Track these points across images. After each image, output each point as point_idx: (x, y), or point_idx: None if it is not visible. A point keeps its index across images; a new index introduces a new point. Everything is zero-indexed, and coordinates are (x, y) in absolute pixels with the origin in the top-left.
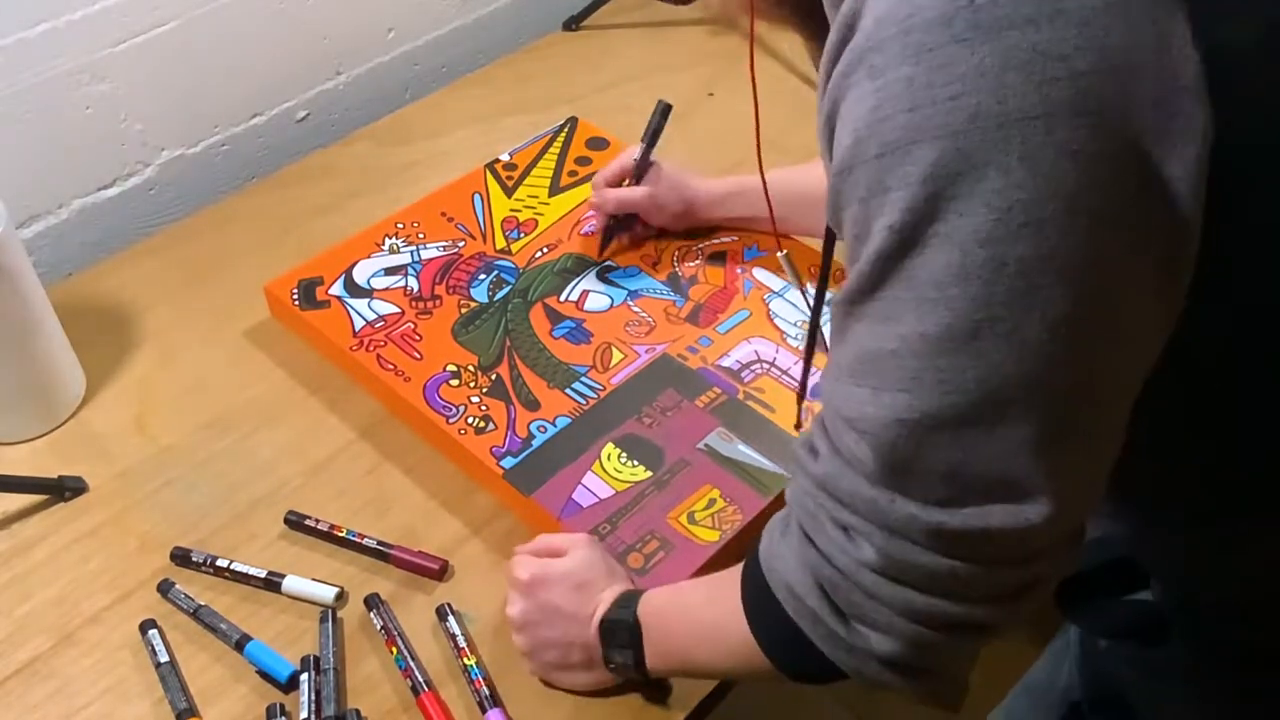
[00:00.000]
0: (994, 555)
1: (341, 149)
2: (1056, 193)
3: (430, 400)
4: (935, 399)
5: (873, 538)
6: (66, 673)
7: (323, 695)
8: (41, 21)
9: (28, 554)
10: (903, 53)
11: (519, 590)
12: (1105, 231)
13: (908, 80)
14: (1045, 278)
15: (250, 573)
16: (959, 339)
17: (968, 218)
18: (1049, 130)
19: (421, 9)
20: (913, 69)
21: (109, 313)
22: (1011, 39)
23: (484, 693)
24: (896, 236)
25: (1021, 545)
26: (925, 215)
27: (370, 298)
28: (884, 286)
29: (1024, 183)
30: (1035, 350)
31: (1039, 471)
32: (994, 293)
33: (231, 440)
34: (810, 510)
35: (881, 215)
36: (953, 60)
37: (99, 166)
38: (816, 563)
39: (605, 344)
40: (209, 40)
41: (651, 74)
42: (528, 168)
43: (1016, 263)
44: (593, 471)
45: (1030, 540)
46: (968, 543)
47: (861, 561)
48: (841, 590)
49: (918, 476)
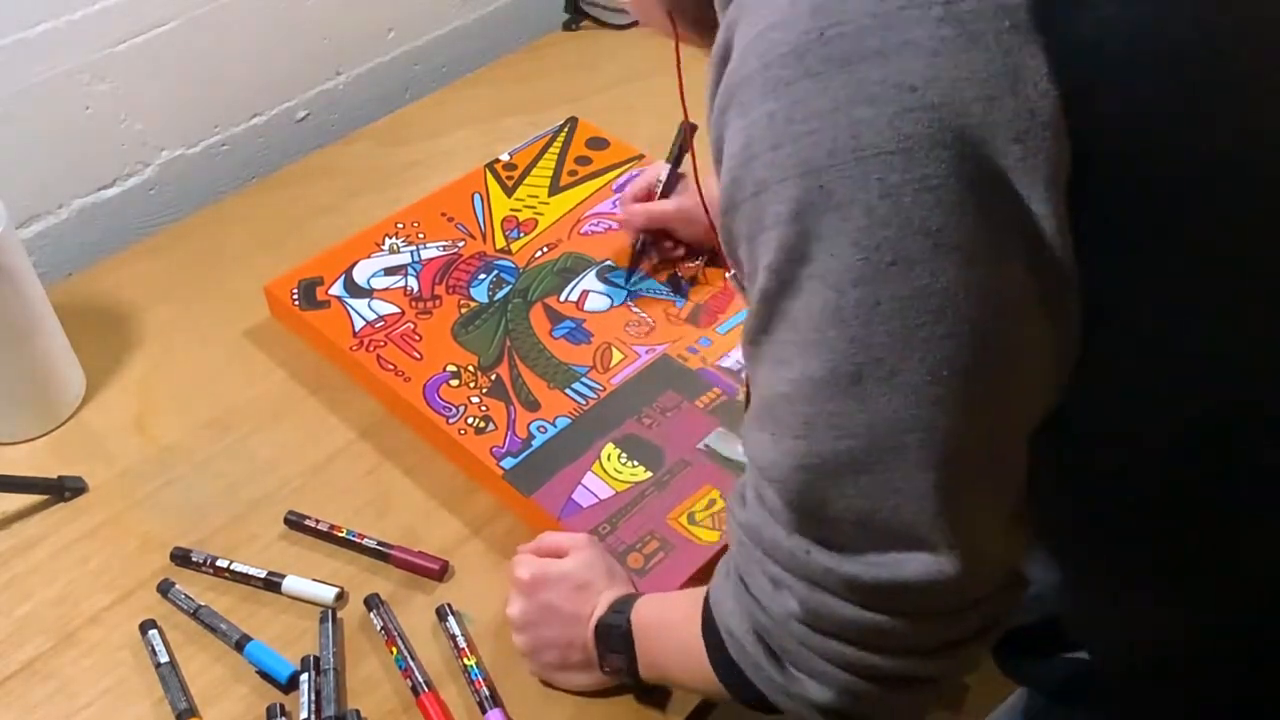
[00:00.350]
0: (915, 607)
1: (341, 149)
2: (922, 229)
3: (430, 400)
4: (829, 444)
5: (795, 589)
6: (66, 673)
7: (323, 695)
8: (41, 21)
9: (28, 554)
10: (764, 88)
11: (520, 590)
12: (978, 268)
13: (769, 116)
14: (921, 317)
15: (250, 573)
16: (843, 383)
17: (838, 257)
18: (907, 165)
19: (421, 9)
20: (774, 104)
21: (109, 313)
22: (861, 71)
23: (484, 693)
24: (775, 277)
25: (942, 597)
26: (798, 255)
27: (370, 298)
28: (772, 329)
29: (889, 219)
30: (920, 392)
31: (943, 519)
32: (871, 334)
33: (231, 440)
34: (743, 559)
35: (762, 255)
36: (807, 95)
37: (99, 166)
38: (752, 608)
39: (605, 344)
40: (209, 40)
41: (651, 74)
42: (528, 168)
43: (890, 302)
44: (593, 472)
45: (948, 592)
46: (885, 594)
47: (790, 613)
48: (775, 638)
49: (829, 525)
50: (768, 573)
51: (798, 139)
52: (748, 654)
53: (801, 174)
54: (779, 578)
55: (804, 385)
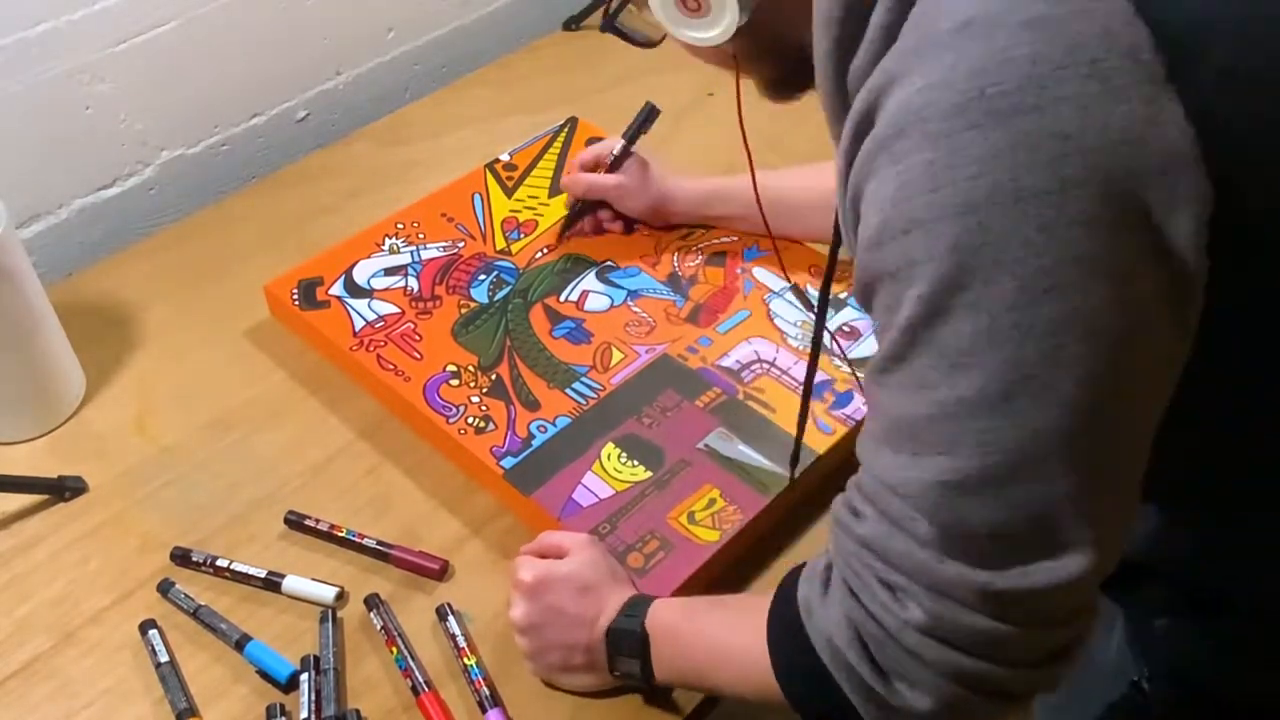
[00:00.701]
0: (1039, 615)
1: (341, 149)
2: (1075, 258)
3: (430, 400)
4: (976, 460)
5: (920, 599)
6: (66, 673)
7: (323, 695)
8: (41, 21)
9: (28, 554)
10: (922, 140)
11: (522, 592)
12: (1122, 289)
13: (928, 164)
14: (1070, 336)
15: (250, 573)
16: (994, 400)
17: (994, 285)
18: (1062, 203)
19: (421, 9)
20: (933, 153)
21: (109, 313)
22: (1020, 123)
23: (484, 693)
24: (926, 305)
25: (1065, 600)
26: (953, 284)
27: (370, 298)
28: (915, 355)
29: (1044, 250)
30: (1065, 405)
31: (1080, 521)
32: (1024, 355)
33: (231, 440)
34: (856, 570)
35: (911, 286)
36: (969, 144)
37: (99, 166)
38: (861, 619)
39: (605, 344)
40: (209, 40)
41: (651, 74)
42: (528, 168)
43: (1044, 324)
44: (593, 471)
45: (1073, 593)
46: (1016, 602)
47: (907, 622)
48: (885, 649)
49: (964, 538)
50: (890, 582)
51: (957, 183)
52: (845, 662)
53: (961, 213)
54: (903, 587)
55: (950, 405)
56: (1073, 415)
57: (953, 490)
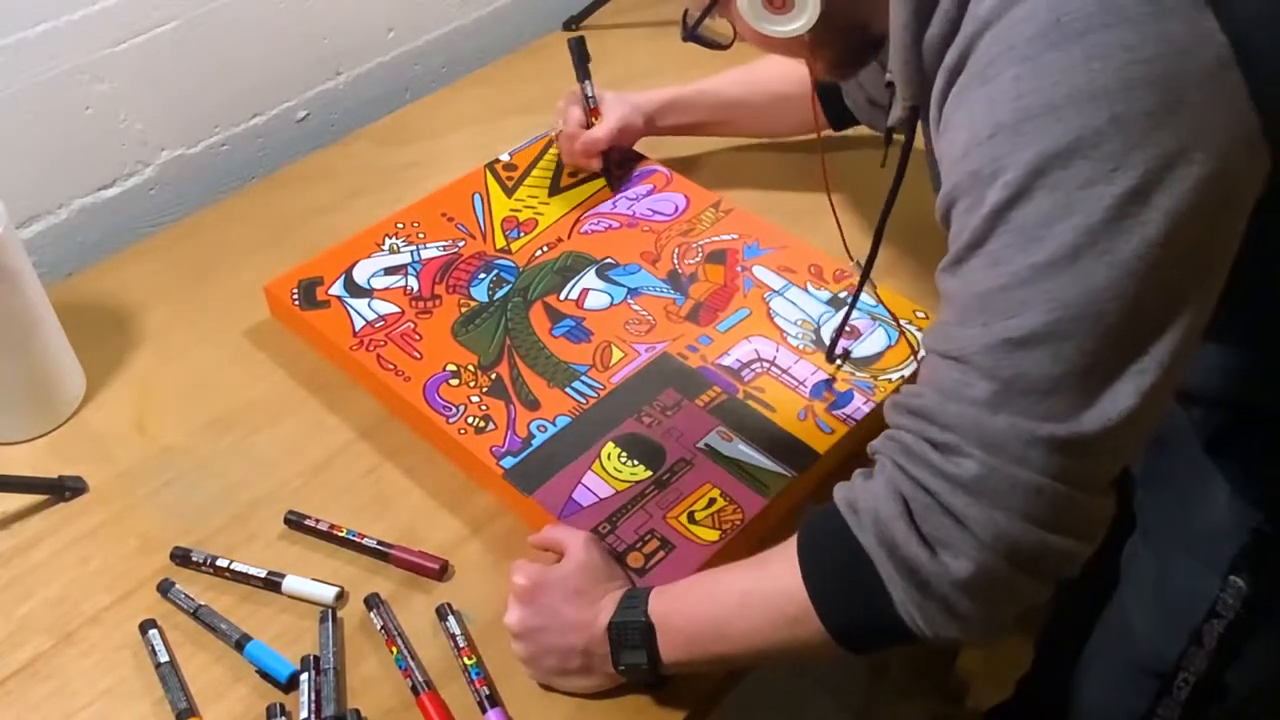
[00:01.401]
0: (1080, 472)
1: (341, 149)
2: (1137, 144)
3: (430, 400)
4: (1041, 316)
5: (972, 453)
6: (66, 673)
7: (323, 695)
8: (41, 21)
9: (28, 554)
10: (1008, 63)
11: (516, 598)
12: (1178, 170)
13: (1014, 79)
14: (1133, 207)
15: (250, 572)
16: (1062, 264)
17: (1070, 169)
18: (1128, 99)
19: (421, 9)
20: (1018, 69)
21: (109, 313)
22: (1092, 40)
23: (484, 692)
24: (1010, 190)
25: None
26: (1035, 170)
27: (370, 297)
28: (994, 236)
29: (1113, 138)
30: (1124, 267)
31: (1129, 375)
32: (1092, 223)
33: (231, 440)
34: (907, 442)
35: (997, 179)
36: (1050, 60)
37: (99, 166)
38: (910, 489)
39: (605, 343)
40: (209, 40)
41: (651, 74)
42: (528, 168)
43: (1110, 198)
44: (593, 471)
45: (1115, 445)
46: (1060, 452)
47: (957, 480)
48: (932, 515)
49: (1020, 392)
50: (942, 442)
51: (1040, 89)
52: (891, 539)
53: (1044, 112)
54: (955, 445)
55: (1024, 273)
56: (1128, 277)
57: (1015, 345)
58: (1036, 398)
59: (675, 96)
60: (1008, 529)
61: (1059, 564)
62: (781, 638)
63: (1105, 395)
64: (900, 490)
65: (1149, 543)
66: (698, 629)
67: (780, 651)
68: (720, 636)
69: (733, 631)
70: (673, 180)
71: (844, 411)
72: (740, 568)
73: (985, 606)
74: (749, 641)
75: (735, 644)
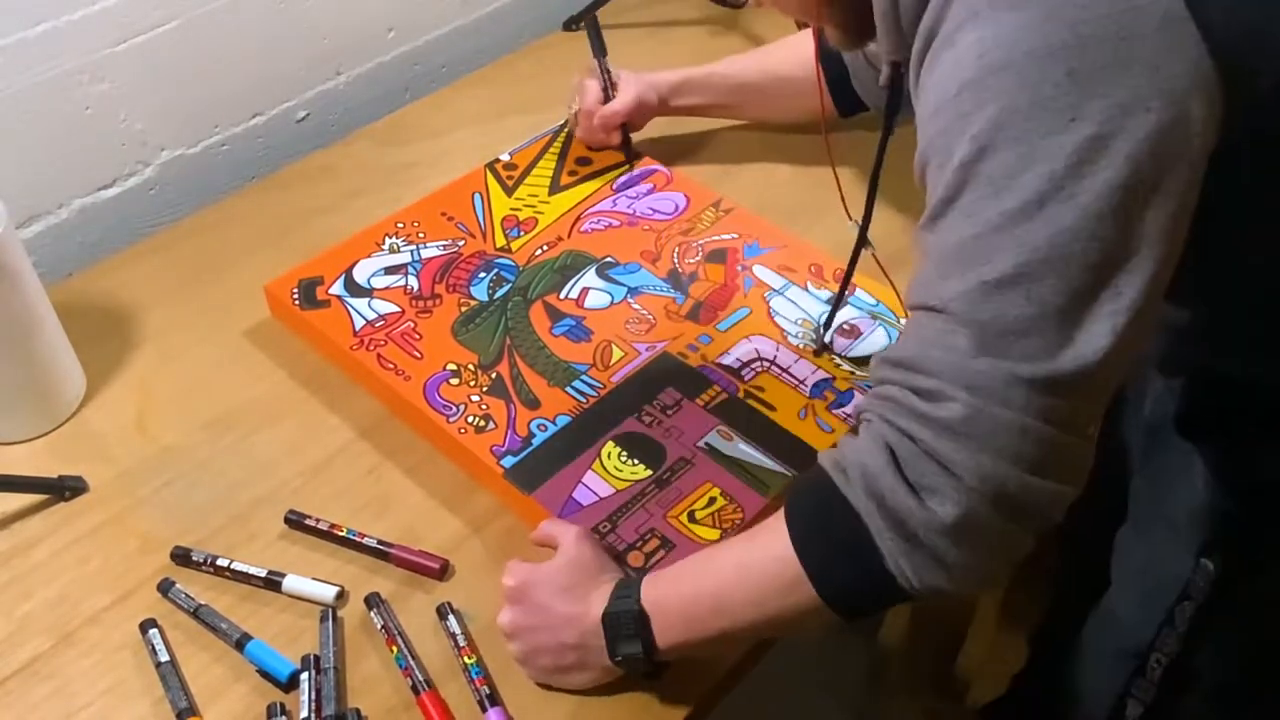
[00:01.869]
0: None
1: (341, 149)
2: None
3: (430, 399)
4: (1012, 259)
5: (956, 395)
6: (66, 673)
7: (323, 694)
8: (41, 21)
9: (28, 554)
10: (972, 26)
11: (507, 597)
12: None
13: (977, 40)
14: (1094, 153)
15: (250, 572)
16: (1030, 209)
17: (1031, 120)
18: (1082, 52)
19: (421, 9)
20: (980, 32)
21: (109, 313)
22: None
23: (484, 692)
24: (975, 144)
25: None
26: (997, 124)
27: (370, 297)
28: (965, 190)
29: (1070, 90)
30: (1088, 209)
31: (1100, 314)
32: (1055, 169)
33: (231, 440)
34: (891, 393)
35: (963, 134)
36: (1008, 21)
37: (99, 166)
38: (895, 439)
39: (605, 342)
40: (209, 40)
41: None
42: (528, 167)
43: (1070, 145)
44: (593, 470)
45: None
46: (1041, 390)
47: (942, 423)
48: (918, 462)
49: (998, 334)
50: (926, 388)
51: (1000, 47)
52: (879, 491)
53: (1003, 67)
54: (938, 390)
55: (995, 219)
56: (1092, 218)
57: (991, 288)
58: (1014, 338)
59: (688, 77)
60: (993, 471)
61: (1044, 508)
62: (778, 606)
63: (1080, 334)
64: (886, 440)
65: (1136, 530)
66: (694, 607)
67: (778, 621)
68: (718, 611)
69: (730, 605)
70: (673, 179)
71: (844, 411)
72: (734, 541)
73: (972, 554)
74: (746, 614)
75: (733, 617)
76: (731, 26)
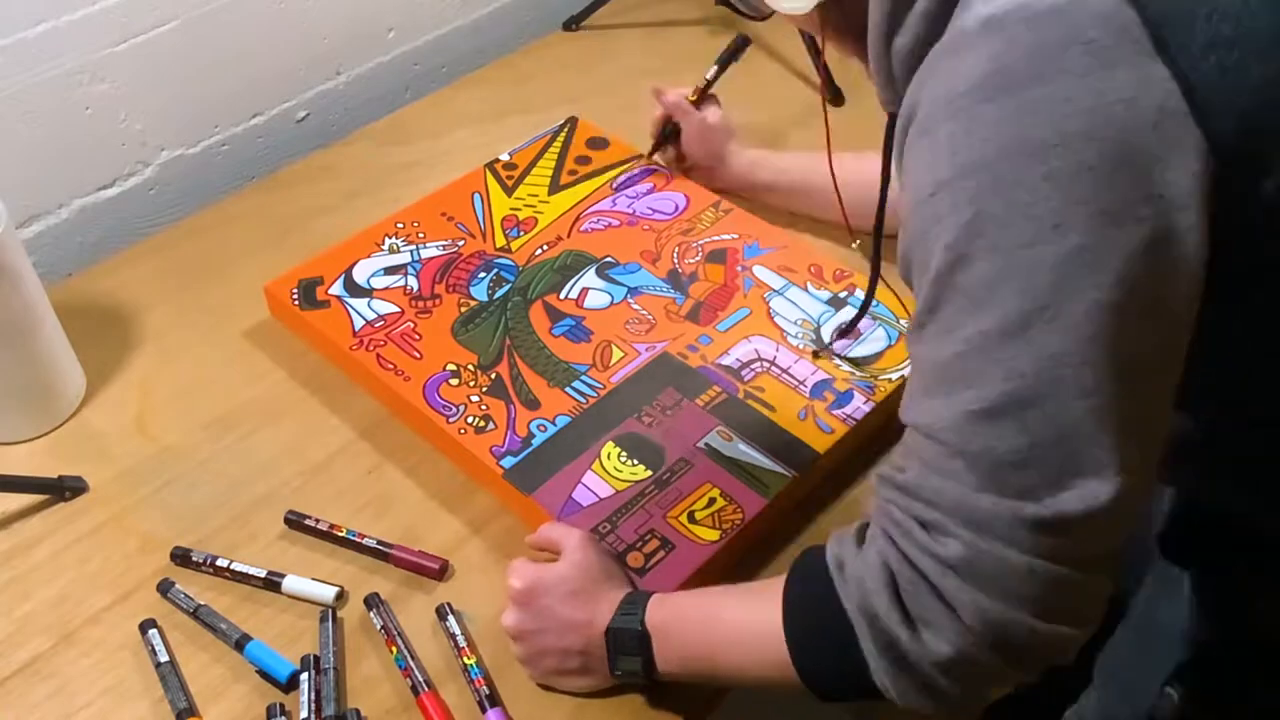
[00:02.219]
0: (1071, 551)
1: (341, 149)
2: (1077, 200)
3: (430, 400)
4: (998, 387)
5: (959, 534)
6: (66, 673)
7: (323, 695)
8: (41, 21)
9: (28, 554)
10: (946, 117)
11: (513, 599)
12: (1125, 227)
13: (950, 134)
14: (1077, 268)
15: (250, 572)
16: (1012, 330)
17: (1008, 228)
18: (1064, 153)
19: (421, 9)
20: (954, 125)
21: (109, 313)
22: (1027, 93)
23: (484, 692)
24: (951, 253)
25: (1097, 532)
26: (973, 231)
27: (370, 297)
28: (944, 301)
29: (1051, 195)
30: (1076, 331)
31: (1103, 445)
32: (1037, 286)
33: (231, 440)
34: (896, 518)
35: (939, 240)
36: (984, 114)
37: (99, 166)
38: (898, 564)
39: (605, 342)
40: (209, 40)
41: (651, 74)
42: (528, 167)
43: (1052, 259)
44: (593, 470)
45: (1105, 523)
46: (1047, 532)
47: (945, 560)
48: (918, 593)
49: (994, 468)
50: (929, 520)
51: (973, 145)
52: (873, 612)
53: (977, 169)
54: (941, 524)
55: (975, 340)
56: (1082, 341)
57: (980, 419)
58: (1011, 472)
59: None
60: (997, 615)
61: (1048, 652)
62: (768, 676)
63: (1085, 470)
64: (888, 563)
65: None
66: (691, 652)
67: (766, 686)
68: (712, 665)
69: (723, 664)
70: (673, 179)
71: (844, 411)
72: (737, 596)
73: (961, 687)
74: (738, 676)
75: (725, 674)
76: (731, 26)
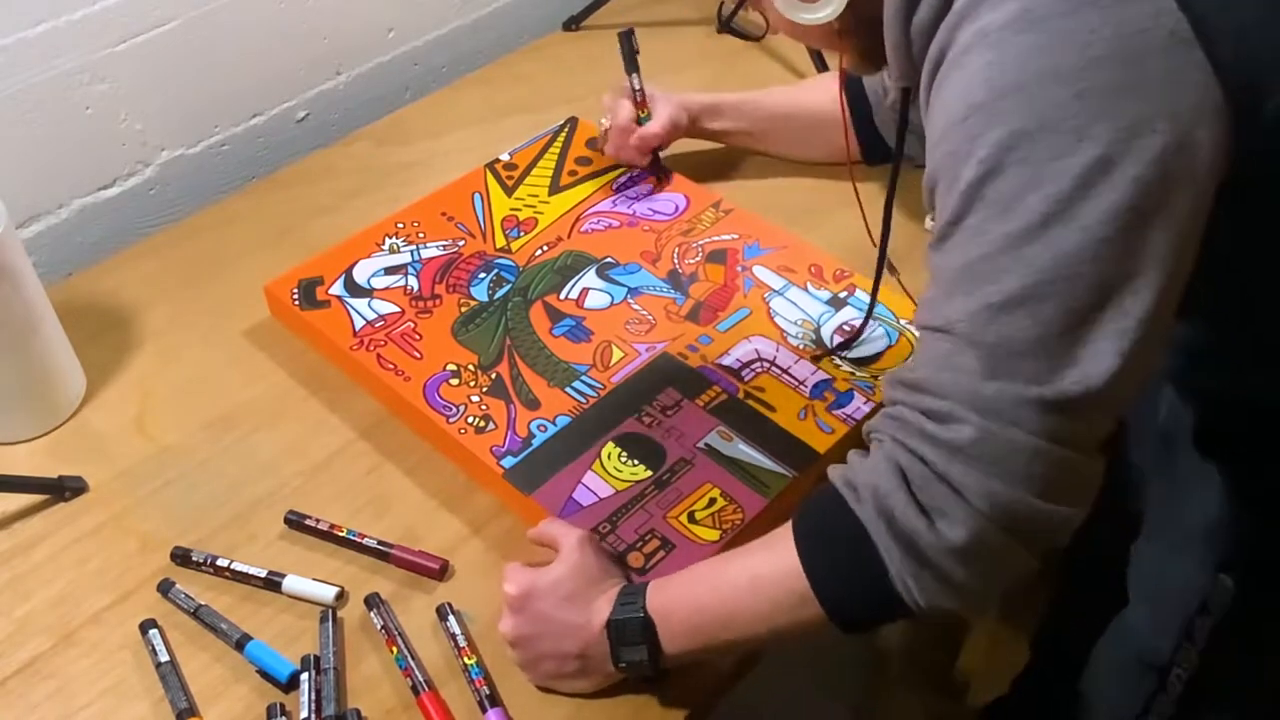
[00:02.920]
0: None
1: (341, 149)
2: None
3: (430, 400)
4: (1018, 281)
5: (969, 418)
6: (66, 673)
7: (323, 695)
8: (41, 21)
9: (28, 554)
10: (982, 49)
11: (509, 605)
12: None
13: (986, 64)
14: (1098, 176)
15: (250, 572)
16: (1034, 231)
17: (1037, 143)
18: (1092, 75)
19: (421, 9)
20: (990, 55)
21: (109, 313)
22: (1056, 24)
23: (484, 692)
24: (983, 166)
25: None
26: (1005, 146)
27: (370, 297)
28: (972, 211)
29: (1078, 112)
30: (1092, 231)
31: (1105, 335)
32: (1060, 191)
33: (231, 440)
34: (904, 416)
35: (971, 156)
36: (1017, 44)
37: (99, 166)
38: (908, 461)
39: (605, 342)
40: (209, 40)
41: (652, 74)
42: (528, 167)
43: (1076, 168)
44: (593, 471)
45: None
46: (1050, 411)
47: (955, 447)
48: (929, 484)
49: (1007, 356)
50: (938, 410)
51: (1008, 71)
52: (887, 508)
53: (1012, 90)
54: (950, 412)
55: (1000, 241)
56: (1099, 242)
57: (997, 310)
58: (1020, 360)
59: (720, 100)
60: (1003, 495)
61: (1051, 532)
62: (785, 620)
63: (1085, 356)
64: (898, 462)
65: (1151, 541)
66: (700, 617)
67: (783, 634)
68: (724, 624)
69: (737, 619)
70: (673, 179)
71: (844, 411)
72: (740, 554)
73: (979, 575)
74: (752, 627)
75: (739, 630)
76: (728, 28)
